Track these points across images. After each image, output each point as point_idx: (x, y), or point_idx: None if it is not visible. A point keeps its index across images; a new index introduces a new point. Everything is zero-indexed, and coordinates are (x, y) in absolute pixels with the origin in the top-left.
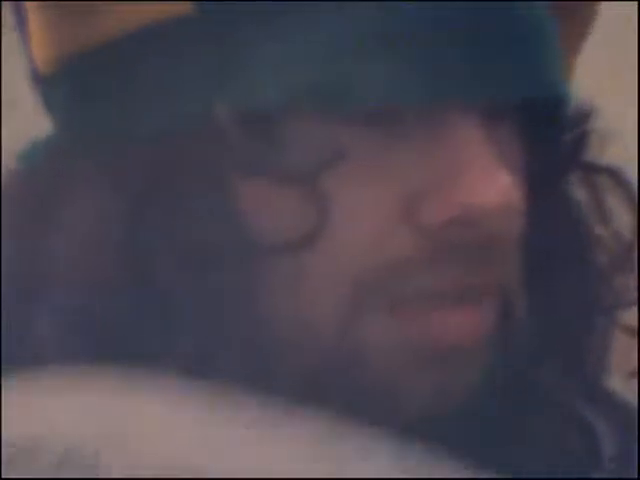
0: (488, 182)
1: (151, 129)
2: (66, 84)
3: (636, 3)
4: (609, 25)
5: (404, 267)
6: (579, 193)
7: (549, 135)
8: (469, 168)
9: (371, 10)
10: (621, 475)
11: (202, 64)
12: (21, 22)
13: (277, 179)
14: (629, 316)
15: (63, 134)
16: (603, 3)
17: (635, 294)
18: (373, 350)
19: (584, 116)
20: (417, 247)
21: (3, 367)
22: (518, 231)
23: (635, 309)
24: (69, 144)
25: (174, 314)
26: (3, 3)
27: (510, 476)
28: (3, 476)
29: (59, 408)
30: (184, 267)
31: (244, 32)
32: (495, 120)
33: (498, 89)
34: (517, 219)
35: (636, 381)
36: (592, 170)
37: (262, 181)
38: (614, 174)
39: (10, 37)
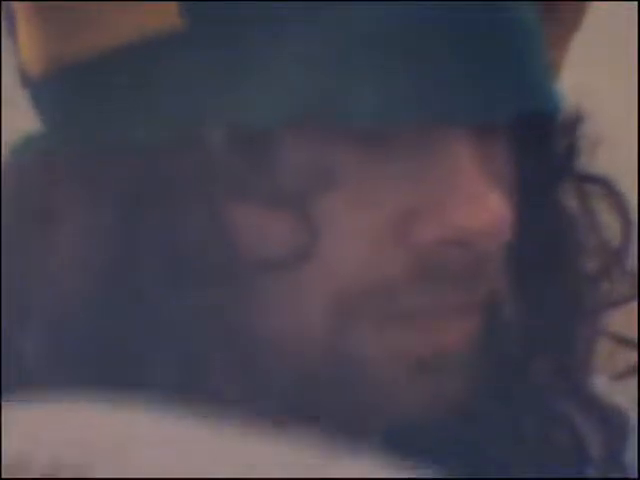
0: (479, 203)
1: (140, 142)
2: (54, 90)
3: (636, 3)
4: (609, 25)
5: (393, 286)
6: (569, 201)
7: (540, 144)
8: (460, 189)
9: (361, 27)
10: (608, 474)
11: (192, 79)
12: (11, 26)
13: (268, 199)
14: (614, 321)
15: (51, 140)
16: (603, 3)
17: (619, 298)
18: (359, 365)
19: (574, 123)
20: (406, 267)
21: None
22: (507, 249)
23: (619, 314)
24: (56, 151)
25: (163, 328)
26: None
27: (498, 476)
28: None
29: (47, 424)
30: (173, 282)
31: (235, 49)
32: (485, 133)
33: (489, 105)
34: (507, 239)
35: (621, 383)
36: (583, 179)
37: (253, 200)
38: (604, 183)
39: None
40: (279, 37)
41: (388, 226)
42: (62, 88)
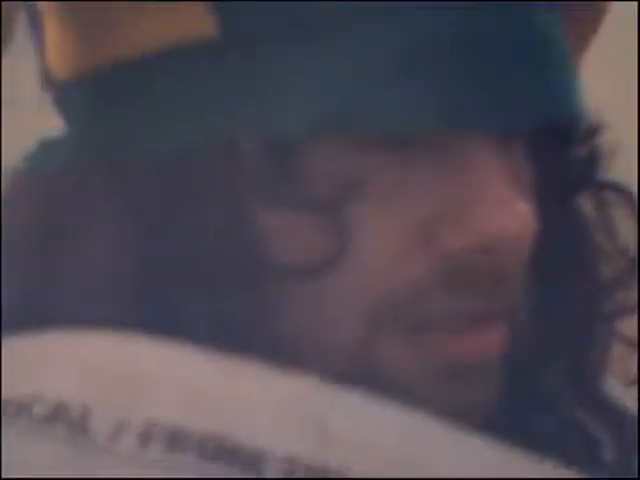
0: (505, 209)
1: (170, 149)
2: (82, 94)
3: (636, 3)
4: (609, 25)
5: (420, 292)
6: (586, 208)
7: (559, 151)
8: (486, 194)
9: (387, 36)
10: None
11: (224, 87)
12: (36, 27)
13: (296, 206)
14: (628, 327)
15: (79, 143)
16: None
17: (634, 304)
18: (388, 375)
19: (594, 131)
20: (435, 273)
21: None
22: (531, 254)
23: (633, 320)
24: (85, 155)
25: (191, 334)
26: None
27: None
28: None
29: (50, 365)
30: (200, 288)
31: (266, 57)
32: (508, 141)
33: (512, 112)
34: (531, 244)
35: (635, 388)
36: (600, 186)
37: (283, 207)
38: (621, 191)
39: (14, 35)
40: (306, 47)
41: (417, 233)
42: (91, 91)
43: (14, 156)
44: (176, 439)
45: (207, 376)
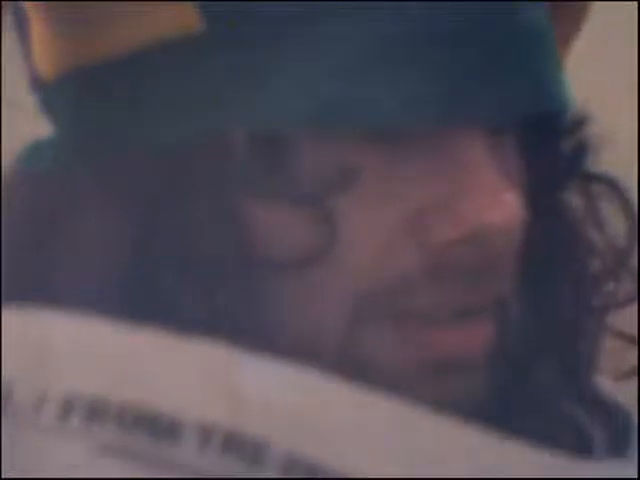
0: (494, 202)
1: (158, 144)
2: (69, 94)
3: (636, 3)
4: (609, 25)
5: (408, 284)
6: (575, 200)
7: (547, 144)
8: (475, 187)
9: (375, 32)
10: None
11: (211, 81)
12: (22, 27)
13: (286, 198)
14: (620, 321)
15: (66, 144)
16: (603, 3)
17: (624, 298)
18: (374, 364)
19: (581, 124)
20: (422, 265)
21: None
22: (519, 246)
23: (625, 313)
24: (72, 155)
25: (180, 328)
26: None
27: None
28: None
29: None
30: (190, 282)
31: (252, 53)
32: (497, 134)
33: (503, 106)
34: (519, 236)
35: (626, 383)
36: (588, 178)
37: (271, 200)
38: (610, 183)
39: (12, 36)
40: (296, 40)
41: (405, 225)
42: (78, 90)
43: (14, 156)
44: (96, 409)
45: (122, 346)
